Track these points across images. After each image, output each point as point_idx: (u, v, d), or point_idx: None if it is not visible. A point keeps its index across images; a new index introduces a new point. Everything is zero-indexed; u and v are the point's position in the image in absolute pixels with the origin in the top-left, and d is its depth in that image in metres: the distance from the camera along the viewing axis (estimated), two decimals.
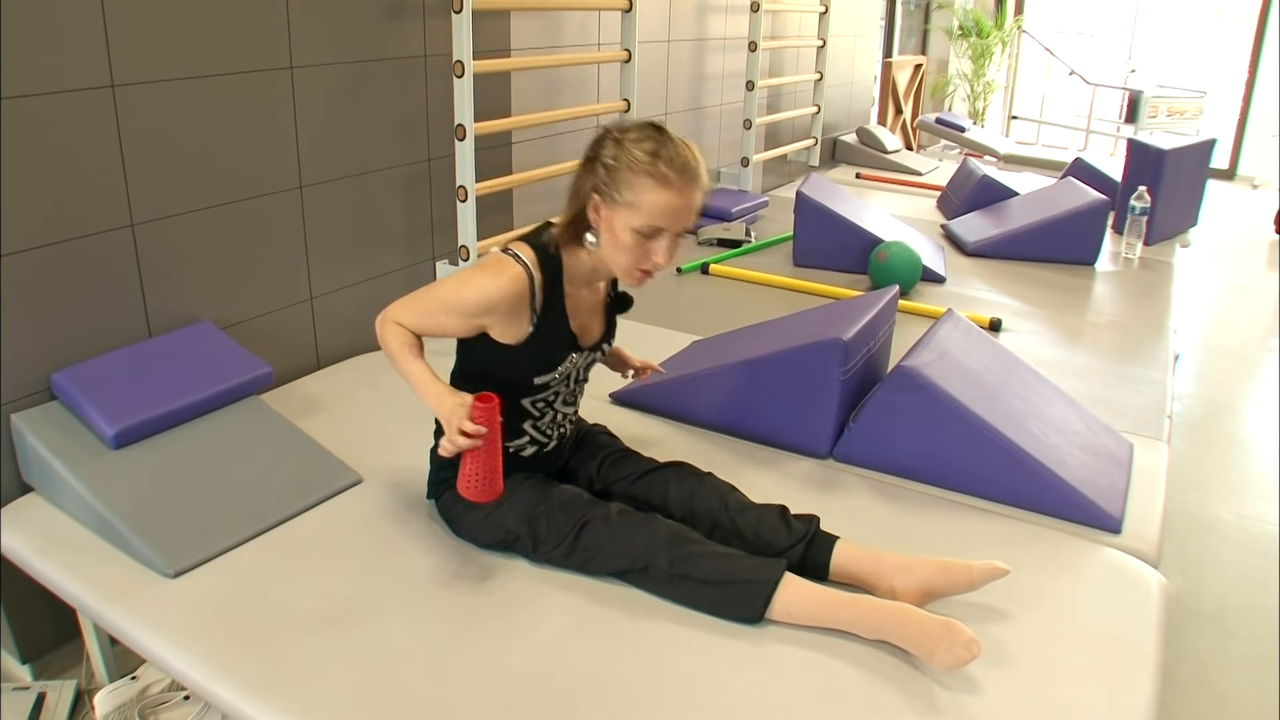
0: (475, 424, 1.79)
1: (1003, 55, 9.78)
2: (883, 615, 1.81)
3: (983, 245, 4.61)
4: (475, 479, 1.86)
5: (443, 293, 1.97)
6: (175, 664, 1.74)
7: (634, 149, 1.82)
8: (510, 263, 1.92)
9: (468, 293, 1.91)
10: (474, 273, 1.93)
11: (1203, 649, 2.74)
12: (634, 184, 1.82)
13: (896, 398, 2.42)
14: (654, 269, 1.90)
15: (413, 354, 1.95)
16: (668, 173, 1.80)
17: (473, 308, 1.91)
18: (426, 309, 1.97)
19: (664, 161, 1.80)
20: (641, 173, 1.81)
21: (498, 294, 1.89)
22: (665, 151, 1.81)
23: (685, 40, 4.70)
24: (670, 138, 1.84)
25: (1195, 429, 4.21)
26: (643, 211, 1.82)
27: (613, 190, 1.84)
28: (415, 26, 3.04)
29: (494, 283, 1.89)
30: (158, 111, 2.37)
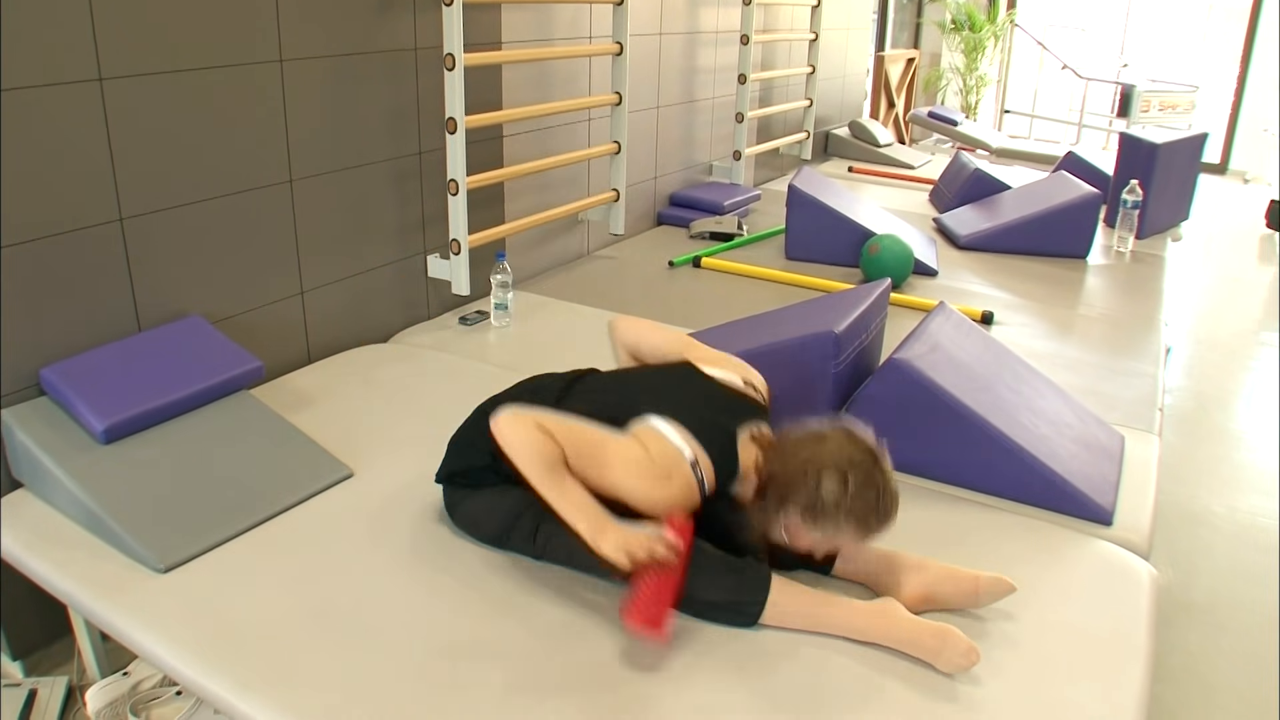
0: (675, 538, 1.71)
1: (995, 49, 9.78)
2: (873, 623, 1.81)
3: (975, 238, 4.61)
4: (651, 603, 1.70)
5: (610, 458, 1.84)
6: (166, 659, 1.73)
7: (857, 501, 1.77)
8: (693, 486, 1.85)
9: (635, 487, 1.82)
10: (653, 474, 1.82)
11: (1193, 641, 2.74)
12: (841, 526, 1.79)
13: (888, 390, 2.42)
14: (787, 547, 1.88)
15: (565, 473, 1.81)
16: (875, 526, 1.80)
17: (624, 495, 1.83)
18: (580, 451, 1.83)
19: (878, 515, 1.80)
20: (853, 521, 1.78)
21: (661, 503, 1.82)
22: (882, 504, 1.79)
23: (677, 33, 4.69)
24: (889, 483, 1.81)
25: (1186, 422, 4.22)
26: (833, 542, 1.83)
27: (820, 519, 1.79)
28: (405, 19, 3.03)
29: (665, 496, 1.82)
30: (146, 105, 2.36)
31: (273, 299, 2.81)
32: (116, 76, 2.28)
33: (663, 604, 1.71)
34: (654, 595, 1.71)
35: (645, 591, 1.71)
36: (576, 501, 1.79)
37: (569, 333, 3.30)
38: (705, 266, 4.14)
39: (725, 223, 4.61)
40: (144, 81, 2.34)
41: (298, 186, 2.80)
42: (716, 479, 1.87)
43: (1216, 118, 10.04)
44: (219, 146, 2.56)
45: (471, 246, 3.27)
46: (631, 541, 1.71)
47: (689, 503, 1.84)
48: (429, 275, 3.36)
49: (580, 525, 1.77)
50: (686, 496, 1.83)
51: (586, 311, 3.50)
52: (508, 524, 1.99)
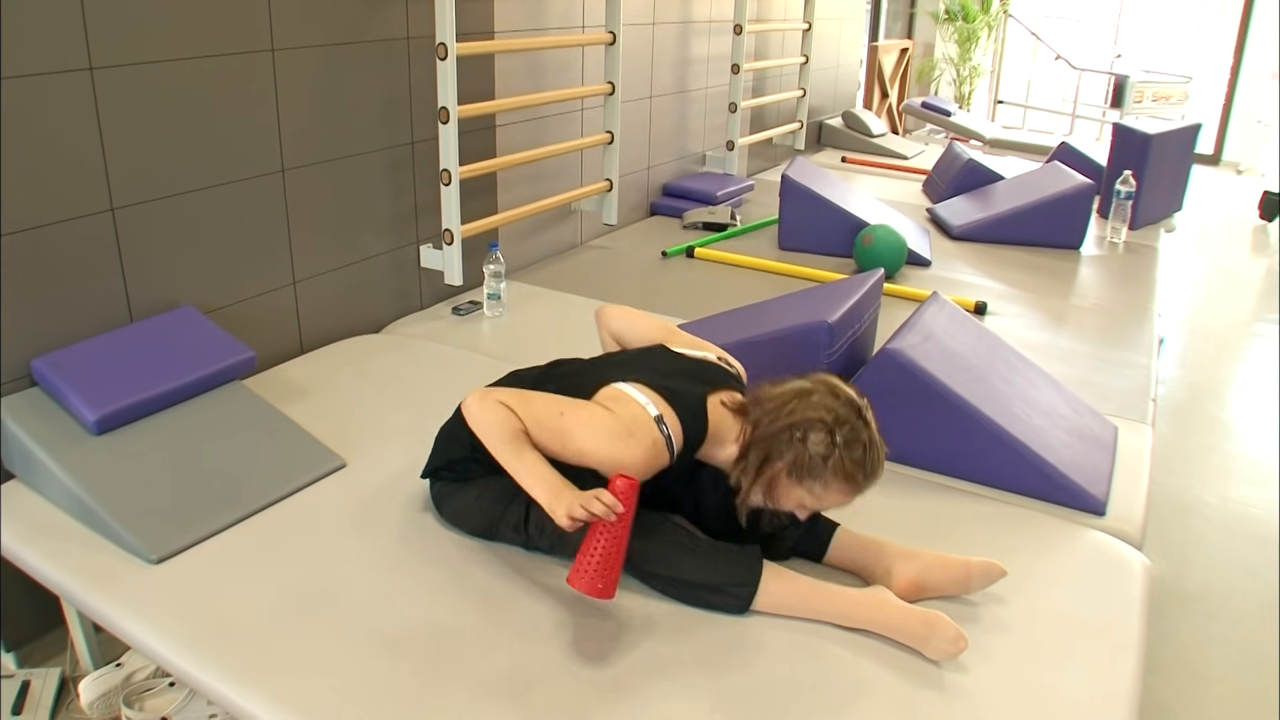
0: (613, 498, 1.67)
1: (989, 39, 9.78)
2: (862, 610, 1.81)
3: (968, 229, 4.61)
4: (593, 567, 1.69)
5: (571, 424, 1.82)
6: (159, 650, 1.73)
7: (845, 455, 1.76)
8: (660, 443, 1.81)
9: (599, 448, 1.80)
10: (616, 432, 1.80)
11: (1185, 630, 2.75)
12: (829, 482, 1.78)
13: (881, 380, 2.42)
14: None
15: (527, 444, 1.81)
16: (863, 482, 1.80)
17: (591, 459, 1.81)
18: (542, 422, 1.83)
19: (865, 471, 1.79)
20: (841, 476, 1.77)
21: (627, 463, 1.78)
22: (869, 458, 1.79)
23: (670, 23, 4.68)
24: (874, 436, 1.81)
25: (1179, 412, 4.23)
26: (821, 500, 1.81)
27: (806, 477, 1.78)
28: (398, 8, 3.02)
29: (630, 455, 1.78)
30: (137, 94, 2.35)
31: (265, 289, 2.80)
32: (107, 66, 2.27)
33: (603, 566, 1.69)
34: (594, 557, 1.69)
35: (587, 553, 1.70)
36: (535, 471, 1.78)
37: (562, 323, 3.30)
38: (698, 257, 4.14)
39: (718, 213, 4.61)
40: (135, 71, 2.33)
41: (290, 176, 2.79)
42: (685, 438, 1.85)
43: (1210, 109, 10.05)
44: (211, 136, 2.55)
45: (464, 236, 3.26)
46: (574, 502, 1.69)
47: (657, 462, 1.81)
48: (422, 265, 3.35)
49: (538, 493, 1.76)
50: (653, 455, 1.80)
51: (579, 301, 3.50)
52: (495, 515, 1.99)
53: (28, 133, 2.15)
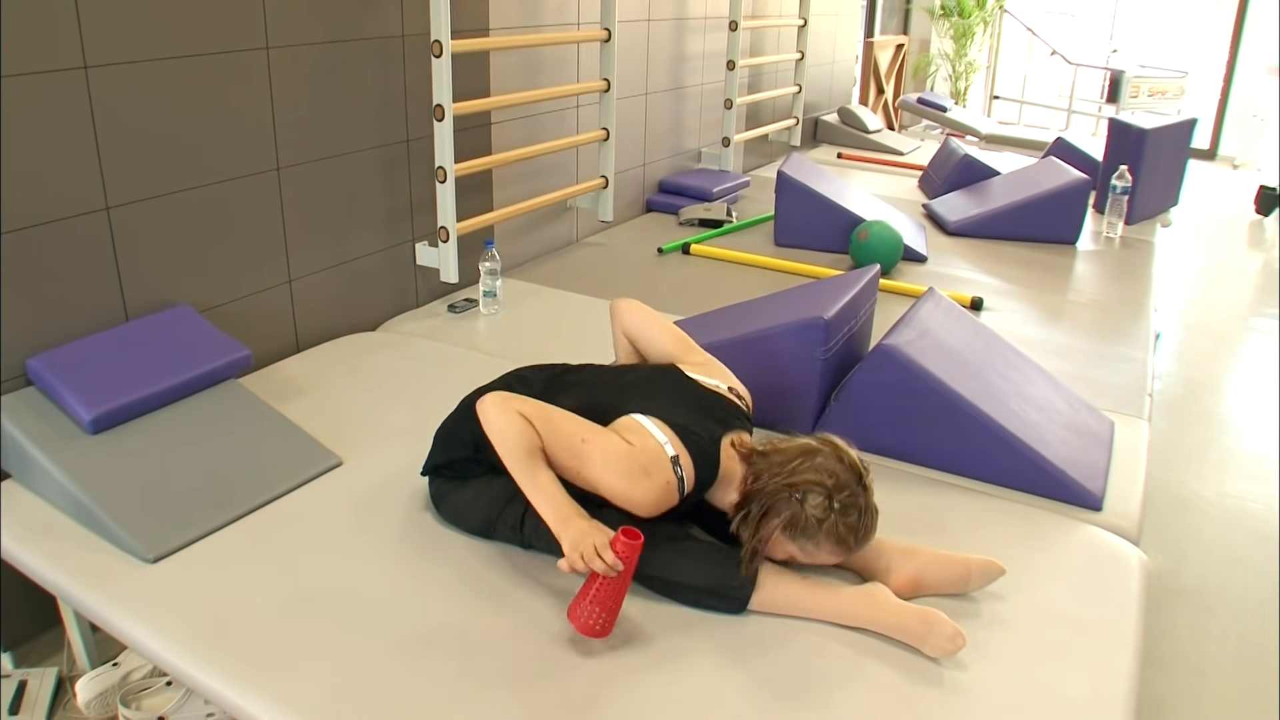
0: (615, 556, 1.68)
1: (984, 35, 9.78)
2: (859, 609, 1.81)
3: (964, 224, 4.61)
4: (593, 613, 1.70)
5: (590, 451, 1.83)
6: (156, 650, 1.73)
7: (840, 520, 1.78)
8: (673, 485, 1.83)
9: (614, 482, 1.81)
10: (632, 470, 1.81)
11: (1182, 625, 2.75)
12: (820, 543, 1.81)
13: (878, 376, 2.42)
14: None
15: (541, 462, 1.81)
16: (854, 546, 1.82)
17: (603, 490, 1.83)
18: (562, 442, 1.84)
19: (857, 536, 1.81)
20: (833, 539, 1.80)
21: (638, 501, 1.82)
22: (863, 524, 1.81)
23: (665, 19, 4.68)
24: (870, 503, 1.82)
25: (1176, 407, 4.23)
26: (811, 558, 1.84)
27: (799, 535, 1.81)
28: (393, 5, 3.02)
29: (643, 495, 1.81)
30: (132, 93, 2.35)
31: (261, 288, 2.80)
32: (102, 64, 2.27)
33: (601, 610, 1.71)
34: (593, 602, 1.71)
35: (585, 596, 1.71)
36: (548, 493, 1.79)
37: (558, 320, 3.30)
38: (694, 253, 4.14)
39: (714, 209, 4.61)
40: (130, 69, 2.33)
41: (285, 174, 2.79)
42: (696, 480, 1.86)
43: (1206, 103, 10.05)
44: (206, 134, 2.55)
45: (460, 234, 3.26)
46: (581, 544, 1.70)
47: (667, 502, 1.83)
48: (417, 263, 3.35)
49: (549, 517, 1.78)
50: (665, 495, 1.83)
51: (575, 299, 3.50)
52: (493, 515, 1.98)
53: (22, 131, 2.15)
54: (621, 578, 1.70)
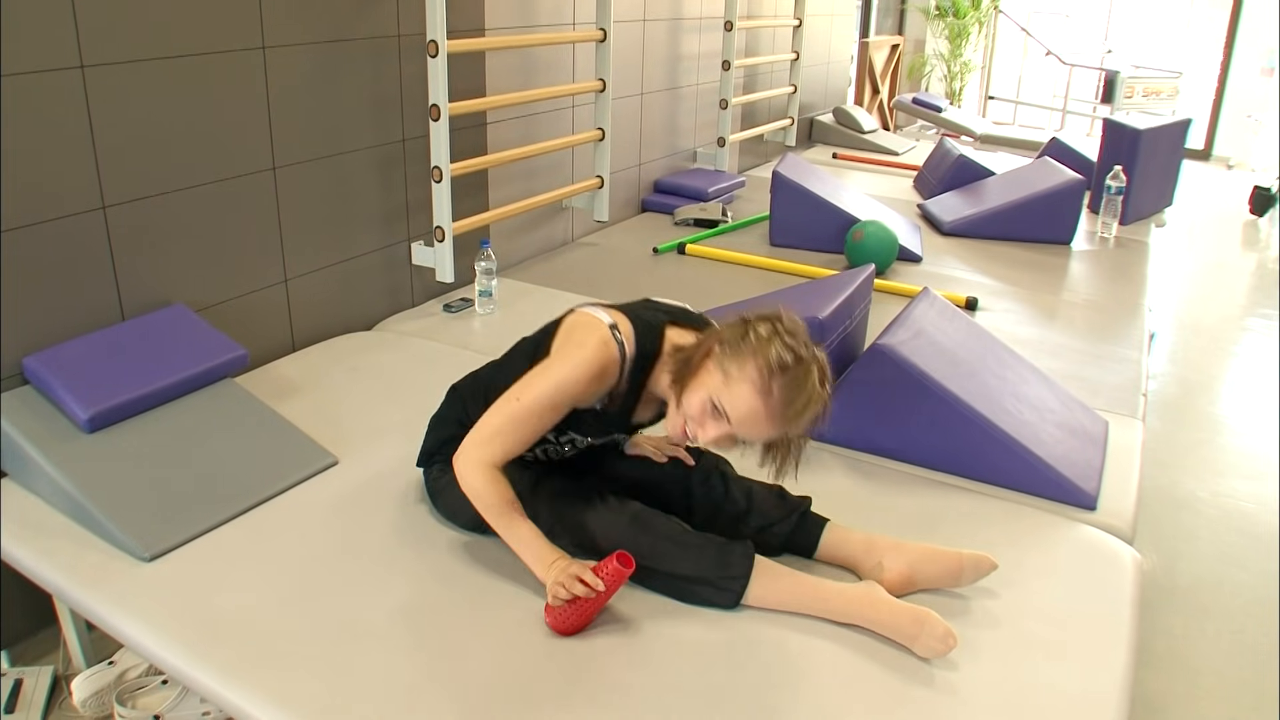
0: (597, 579, 1.71)
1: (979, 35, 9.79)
2: (852, 605, 1.82)
3: (959, 225, 4.62)
4: (569, 617, 1.75)
5: (543, 391, 1.81)
6: (152, 648, 1.73)
7: (775, 347, 1.70)
8: (610, 341, 1.81)
9: (551, 372, 1.82)
10: (562, 356, 1.83)
11: (1177, 625, 2.76)
12: (745, 368, 1.70)
13: (872, 376, 2.43)
14: (695, 442, 1.81)
15: (518, 513, 1.83)
16: (774, 390, 1.69)
17: (573, 394, 1.81)
18: (523, 419, 1.82)
19: (782, 381, 1.69)
20: (757, 366, 1.69)
21: (577, 367, 1.79)
22: (792, 375, 1.69)
23: (661, 19, 4.68)
24: (809, 371, 1.71)
25: (1170, 407, 4.24)
26: (729, 393, 1.71)
27: (728, 356, 1.73)
28: (388, 5, 3.02)
29: (577, 359, 1.80)
30: (128, 92, 2.35)
31: (257, 287, 2.80)
32: (98, 64, 2.27)
33: (576, 616, 1.75)
34: (577, 613, 1.75)
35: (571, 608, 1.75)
36: (528, 541, 1.82)
37: None
38: (690, 253, 4.14)
39: (710, 209, 4.61)
40: (126, 69, 2.33)
41: (281, 174, 2.79)
42: (637, 347, 1.83)
43: (1200, 104, 10.07)
44: (202, 133, 2.55)
45: (455, 234, 3.26)
46: (559, 581, 1.72)
47: (606, 359, 1.79)
48: (413, 263, 3.35)
49: (530, 562, 1.81)
50: (603, 352, 1.79)
51: (571, 298, 3.50)
52: None
53: (19, 131, 2.14)
54: (600, 596, 1.74)
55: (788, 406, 1.70)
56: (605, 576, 1.72)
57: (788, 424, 1.73)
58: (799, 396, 1.70)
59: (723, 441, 1.78)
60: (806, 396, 1.71)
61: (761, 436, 1.76)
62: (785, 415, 1.71)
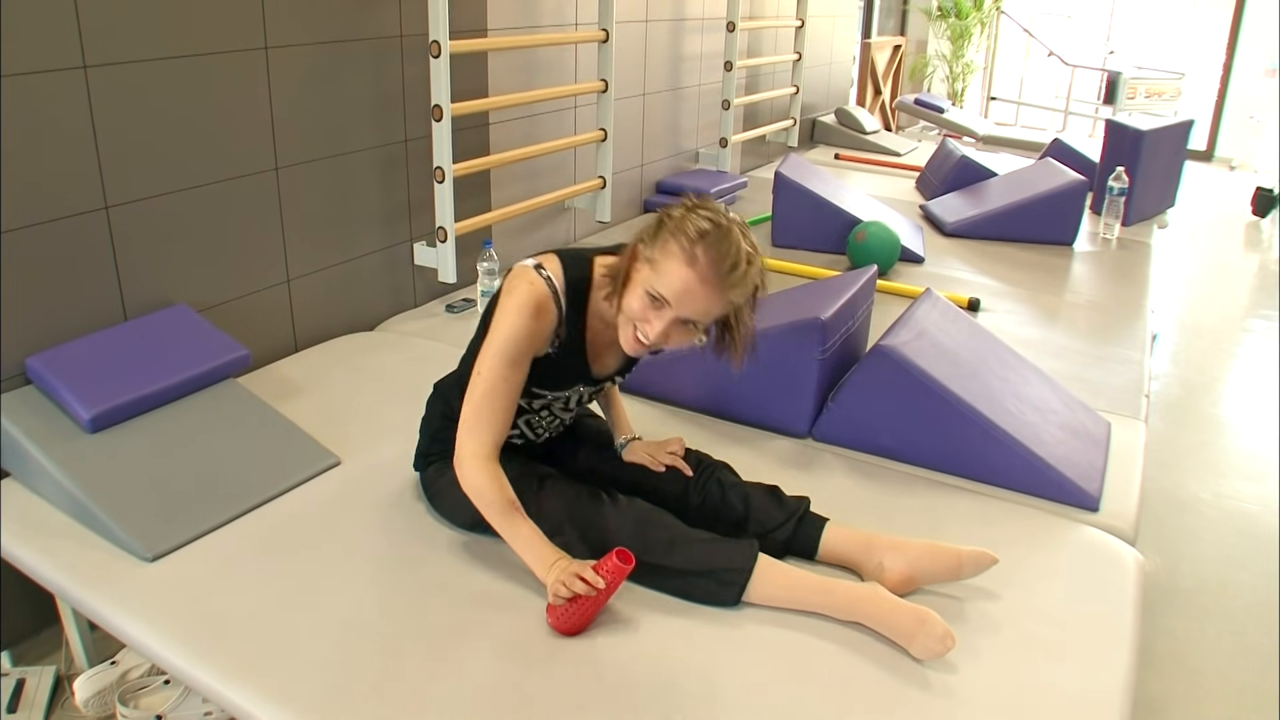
0: (597, 576, 1.72)
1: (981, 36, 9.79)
2: (855, 602, 1.82)
3: (961, 225, 4.62)
4: (570, 616, 1.75)
5: (495, 353, 1.84)
6: (154, 648, 1.73)
7: (690, 219, 1.75)
8: (537, 282, 1.85)
9: (513, 328, 1.83)
10: (506, 303, 1.86)
11: (1179, 626, 2.76)
12: (668, 247, 1.75)
13: (875, 377, 2.43)
14: (645, 340, 1.81)
15: (519, 513, 1.83)
16: (699, 256, 1.73)
17: (522, 343, 1.84)
18: (492, 390, 1.85)
19: (704, 246, 1.73)
20: (679, 241, 1.74)
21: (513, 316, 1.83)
22: (713, 237, 1.74)
23: (663, 20, 4.68)
24: (730, 233, 1.76)
25: (1172, 408, 4.24)
26: (660, 275, 1.75)
27: (651, 245, 1.77)
28: (391, 6, 3.02)
29: (510, 309, 1.84)
30: (131, 92, 2.35)
31: (259, 287, 2.80)
32: (101, 64, 2.27)
33: (577, 616, 1.75)
34: (578, 611, 1.75)
35: (572, 607, 1.75)
36: (529, 541, 1.82)
37: None
38: None
39: None
40: (129, 69, 2.33)
41: (284, 174, 2.79)
42: (566, 279, 1.87)
43: (1203, 105, 10.06)
44: (204, 134, 2.55)
45: (458, 234, 3.26)
46: (559, 580, 1.73)
47: (542, 303, 1.84)
48: (415, 263, 3.35)
49: (531, 562, 1.81)
50: (532, 292, 1.83)
51: None
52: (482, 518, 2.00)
53: (21, 131, 2.15)
54: (601, 594, 1.74)
55: (718, 268, 1.73)
56: (605, 574, 1.72)
57: (726, 289, 1.76)
58: (726, 256, 1.74)
59: (674, 333, 1.81)
60: (734, 255, 1.75)
61: (706, 310, 1.79)
62: (720, 279, 1.74)
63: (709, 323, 1.84)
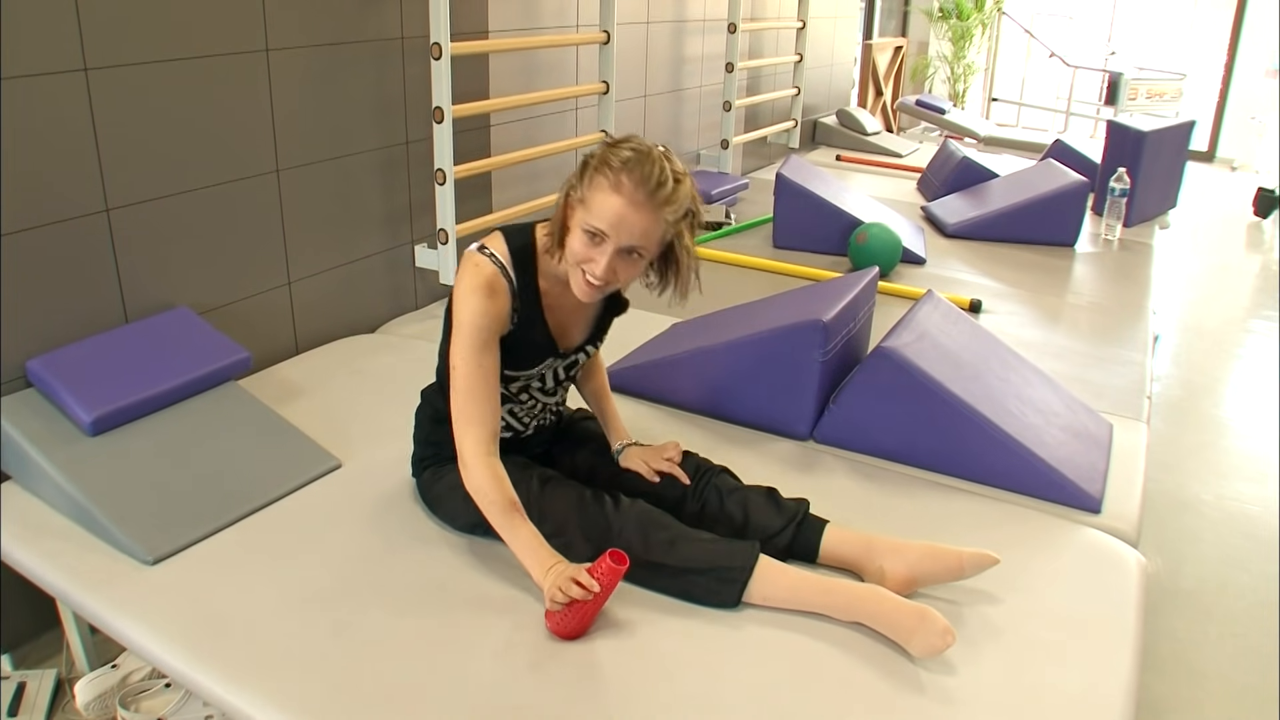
0: (592, 579, 1.72)
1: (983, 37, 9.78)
2: (856, 600, 1.82)
3: (963, 227, 4.62)
4: (569, 620, 1.75)
5: (463, 341, 1.87)
6: (155, 652, 1.73)
7: (612, 152, 1.82)
8: (483, 261, 1.90)
9: (471, 312, 1.86)
10: (458, 291, 1.89)
11: (1181, 628, 2.76)
12: (595, 181, 1.81)
13: (876, 379, 2.42)
14: (594, 279, 1.85)
15: (519, 514, 1.84)
16: (625, 180, 1.79)
17: (484, 324, 1.87)
18: (469, 379, 1.87)
19: (628, 171, 1.79)
20: (604, 173, 1.81)
21: (467, 297, 1.87)
22: (635, 162, 1.80)
23: (664, 22, 4.68)
24: (652, 157, 1.81)
25: (1174, 409, 4.24)
26: (592, 210, 1.81)
27: (580, 185, 1.84)
28: (392, 8, 3.02)
29: (462, 291, 1.88)
30: (132, 95, 2.35)
31: (260, 290, 2.80)
32: (102, 66, 2.27)
33: (575, 620, 1.75)
34: (576, 615, 1.75)
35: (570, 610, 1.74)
36: (528, 543, 1.82)
37: None
38: None
39: (713, 211, 4.61)
40: (129, 71, 2.33)
41: (284, 176, 2.79)
42: (510, 250, 1.92)
43: (1204, 105, 10.05)
44: (205, 136, 2.55)
45: (459, 236, 3.26)
46: (555, 585, 1.73)
47: (492, 280, 1.88)
48: (416, 265, 3.35)
49: (529, 564, 1.81)
50: (482, 274, 1.88)
51: None
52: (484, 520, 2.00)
53: (22, 133, 2.15)
54: (598, 597, 1.73)
55: (645, 187, 1.79)
56: (600, 576, 1.72)
57: (657, 208, 1.81)
58: (651, 175, 1.79)
59: (621, 267, 1.86)
60: (659, 174, 1.80)
61: (645, 233, 1.83)
62: (648, 199, 1.80)
63: (652, 249, 1.88)
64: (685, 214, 1.90)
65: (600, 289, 1.88)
